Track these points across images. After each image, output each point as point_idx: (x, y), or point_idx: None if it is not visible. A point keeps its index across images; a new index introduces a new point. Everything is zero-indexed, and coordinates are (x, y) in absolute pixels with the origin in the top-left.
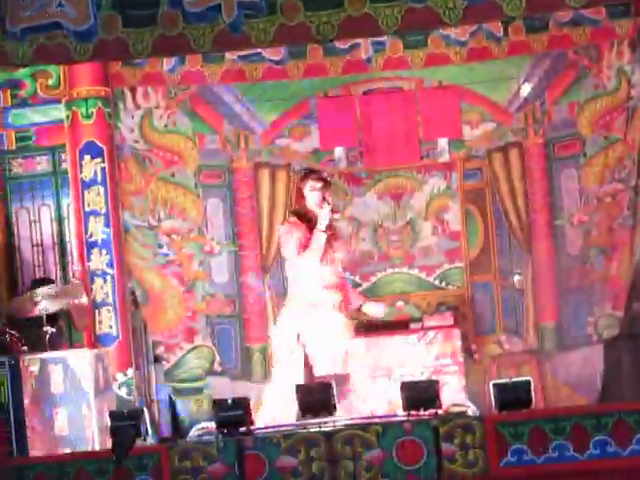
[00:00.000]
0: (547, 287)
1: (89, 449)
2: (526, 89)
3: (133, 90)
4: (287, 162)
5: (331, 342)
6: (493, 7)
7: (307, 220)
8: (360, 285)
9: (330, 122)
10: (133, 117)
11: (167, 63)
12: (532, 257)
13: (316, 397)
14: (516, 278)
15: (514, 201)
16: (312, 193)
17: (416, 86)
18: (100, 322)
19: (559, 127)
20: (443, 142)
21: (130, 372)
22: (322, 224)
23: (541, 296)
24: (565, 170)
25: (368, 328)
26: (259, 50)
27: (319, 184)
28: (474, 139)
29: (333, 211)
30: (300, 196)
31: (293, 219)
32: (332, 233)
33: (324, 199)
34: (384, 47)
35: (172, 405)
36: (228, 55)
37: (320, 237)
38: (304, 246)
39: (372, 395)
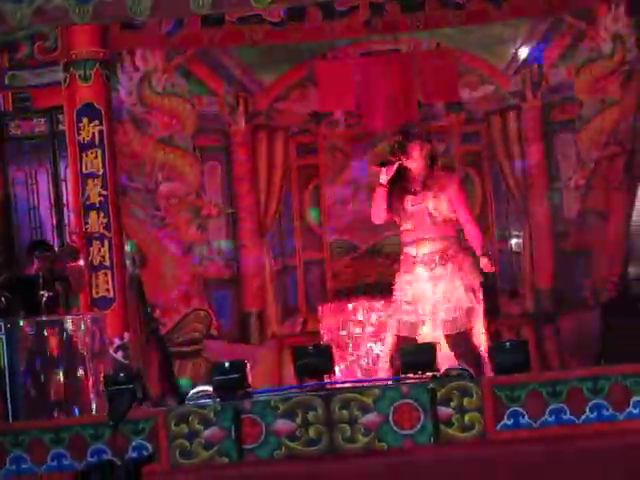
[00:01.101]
0: (544, 250)
1: (85, 414)
2: (524, 52)
3: (131, 53)
4: (285, 124)
5: None
6: None
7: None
8: (359, 247)
9: (329, 85)
10: (131, 79)
11: (166, 26)
12: (529, 220)
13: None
14: (514, 241)
15: (512, 165)
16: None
17: (414, 48)
18: (97, 285)
19: (556, 90)
20: (441, 105)
21: (127, 336)
22: (380, 180)
23: (538, 259)
24: (562, 134)
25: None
26: (258, 12)
27: (399, 138)
28: (472, 102)
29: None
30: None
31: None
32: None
33: (401, 154)
34: (382, 10)
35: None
36: (227, 17)
37: (378, 192)
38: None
39: None
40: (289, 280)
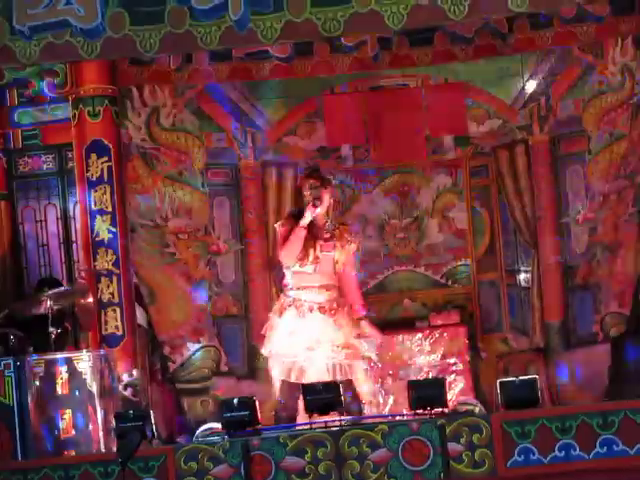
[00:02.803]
0: (553, 285)
1: (94, 451)
2: (531, 86)
3: (140, 88)
4: (294, 160)
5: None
6: (497, 3)
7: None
8: (367, 283)
9: (337, 119)
10: (140, 115)
11: (174, 61)
12: (538, 254)
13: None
14: (522, 276)
15: (520, 198)
16: (308, 192)
17: (422, 83)
18: (106, 322)
19: (564, 124)
20: (449, 139)
21: (135, 373)
22: (302, 221)
23: (547, 294)
24: (570, 167)
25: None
26: (266, 48)
27: (317, 183)
28: (480, 136)
29: (315, 206)
30: (301, 195)
31: (287, 217)
32: (322, 232)
33: (317, 198)
34: (391, 44)
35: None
36: (235, 53)
37: (298, 233)
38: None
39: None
40: None
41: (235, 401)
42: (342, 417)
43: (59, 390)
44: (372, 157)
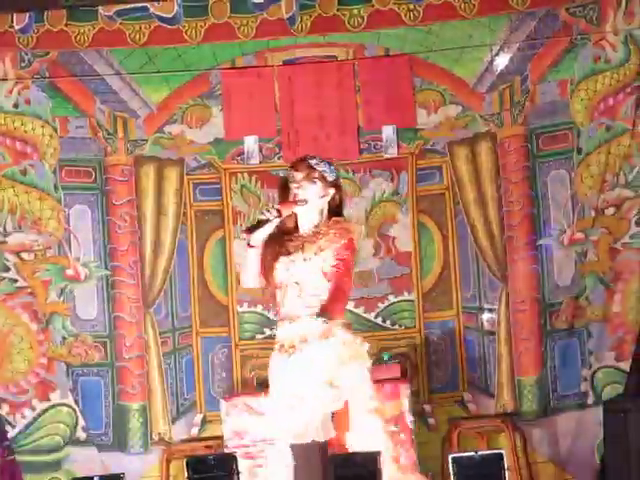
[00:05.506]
0: (527, 329)
1: None
2: (502, 61)
3: None
4: (180, 156)
5: None
6: None
7: None
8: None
9: (239, 103)
10: None
11: (19, 20)
12: (508, 288)
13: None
14: (486, 316)
15: (484, 212)
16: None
17: (355, 55)
18: None
19: (545, 113)
20: (390, 131)
21: None
22: (253, 237)
23: (519, 341)
24: (553, 171)
25: None
26: (145, 3)
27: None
28: (431, 128)
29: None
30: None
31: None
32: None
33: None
34: (313, 2)
35: None
36: (102, 10)
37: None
38: None
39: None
40: (182, 365)
41: None
42: None
43: None
44: (285, 155)
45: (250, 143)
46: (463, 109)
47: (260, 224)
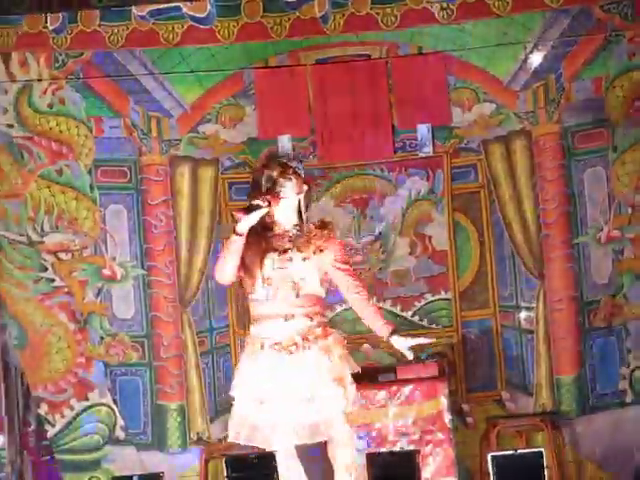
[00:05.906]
0: (565, 327)
1: None
2: (536, 59)
3: (6, 57)
4: (214, 156)
5: None
6: None
7: None
8: None
9: (272, 102)
10: (6, 93)
11: (53, 21)
12: (544, 286)
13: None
14: (523, 315)
15: (520, 210)
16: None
17: (388, 54)
18: None
19: (580, 111)
20: (424, 130)
21: (1, 439)
22: (239, 226)
23: (557, 339)
24: (589, 168)
25: None
26: (178, 3)
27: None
28: (466, 126)
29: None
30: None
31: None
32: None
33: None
34: (346, 0)
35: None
36: (135, 11)
37: (231, 244)
38: None
39: None
40: (220, 364)
41: (135, 479)
42: None
43: None
44: (319, 153)
45: (284, 142)
46: (497, 107)
47: (251, 209)
